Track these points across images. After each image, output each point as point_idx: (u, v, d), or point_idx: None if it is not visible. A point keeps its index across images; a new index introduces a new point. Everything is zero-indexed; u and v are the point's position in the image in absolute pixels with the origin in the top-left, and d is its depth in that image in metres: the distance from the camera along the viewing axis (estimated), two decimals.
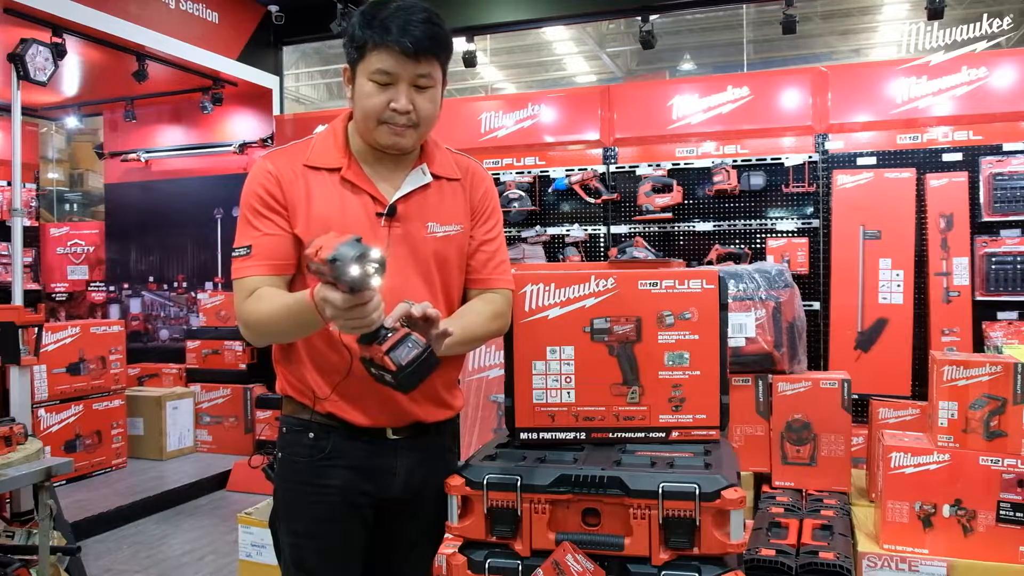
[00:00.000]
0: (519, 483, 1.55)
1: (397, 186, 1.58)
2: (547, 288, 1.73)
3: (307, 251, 1.28)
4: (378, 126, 1.52)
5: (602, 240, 4.67)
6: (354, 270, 1.20)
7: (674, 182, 4.45)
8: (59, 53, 4.48)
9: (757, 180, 4.29)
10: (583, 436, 1.73)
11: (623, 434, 1.72)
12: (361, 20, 1.50)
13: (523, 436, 1.75)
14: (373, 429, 1.58)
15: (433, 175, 1.61)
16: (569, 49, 13.26)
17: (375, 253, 1.23)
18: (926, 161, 4.02)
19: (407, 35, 1.46)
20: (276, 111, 6.08)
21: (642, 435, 1.71)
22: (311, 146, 1.59)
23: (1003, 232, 3.89)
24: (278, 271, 1.54)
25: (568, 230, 4.71)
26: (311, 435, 1.59)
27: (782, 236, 4.29)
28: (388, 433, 1.60)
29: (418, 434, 1.63)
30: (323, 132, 1.63)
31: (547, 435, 1.74)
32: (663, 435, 1.71)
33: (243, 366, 5.77)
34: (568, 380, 1.72)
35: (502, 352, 1.79)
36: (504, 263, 1.71)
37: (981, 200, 3.91)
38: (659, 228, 4.55)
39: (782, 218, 4.32)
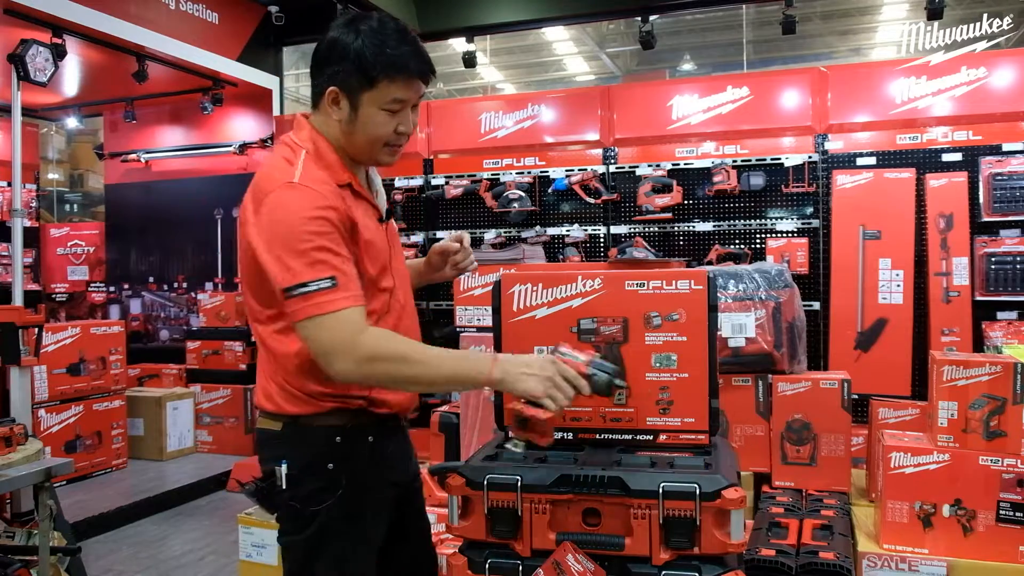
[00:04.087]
0: (519, 483, 1.55)
1: (371, 190, 1.66)
2: (535, 288, 1.73)
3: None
4: (382, 148, 1.57)
5: (602, 240, 4.67)
6: (617, 383, 1.52)
7: (674, 182, 4.45)
8: (59, 54, 4.47)
9: (757, 180, 4.29)
10: (571, 437, 1.73)
11: (610, 435, 1.71)
12: (371, 50, 1.48)
13: (512, 434, 1.75)
14: (396, 418, 1.67)
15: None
16: (569, 49, 13.27)
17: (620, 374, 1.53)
18: (926, 161, 4.03)
19: (424, 64, 1.53)
20: (276, 111, 6.08)
21: (629, 437, 1.70)
22: (324, 168, 1.53)
23: (1003, 232, 3.89)
24: (362, 301, 1.47)
25: (568, 230, 4.72)
26: (370, 438, 1.59)
27: (782, 236, 4.30)
28: (402, 420, 1.69)
29: (407, 420, 1.74)
30: (318, 151, 1.54)
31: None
32: (651, 438, 1.69)
33: (243, 366, 5.77)
34: None
35: None
36: None
37: (981, 200, 3.91)
38: (659, 228, 4.55)
39: (782, 218, 4.32)
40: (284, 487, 1.53)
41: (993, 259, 3.85)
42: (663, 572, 1.49)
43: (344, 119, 1.53)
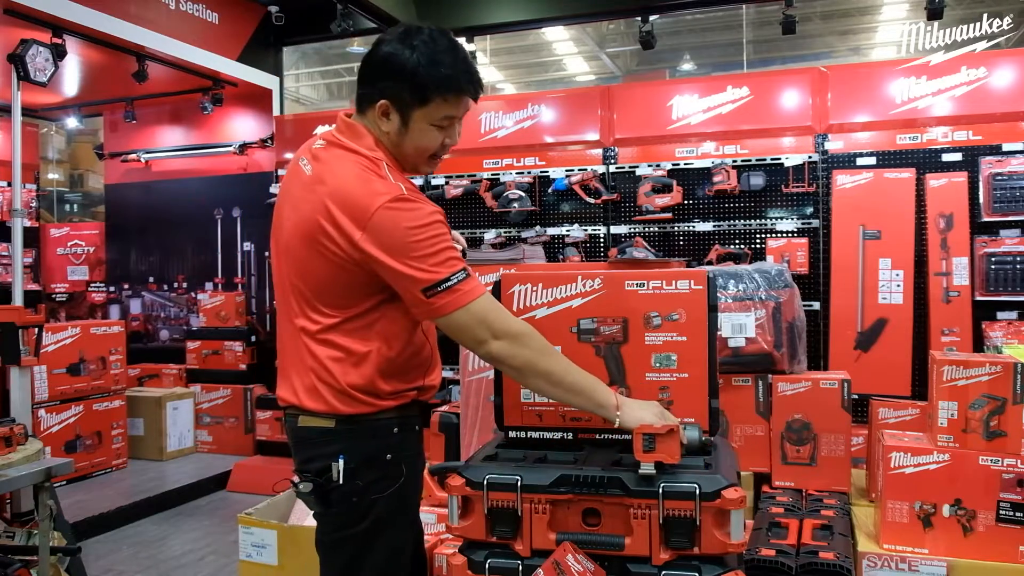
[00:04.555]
0: (519, 483, 1.55)
1: None
2: (535, 288, 1.74)
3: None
4: (427, 160, 1.65)
5: (602, 240, 4.67)
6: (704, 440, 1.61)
7: (674, 182, 4.45)
8: (59, 54, 4.47)
9: (757, 180, 4.29)
10: (570, 436, 1.73)
11: (610, 435, 1.71)
12: (426, 68, 1.54)
13: (512, 435, 1.76)
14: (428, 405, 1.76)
15: None
16: (569, 49, 13.26)
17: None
18: (926, 161, 4.03)
19: (475, 83, 1.61)
20: (276, 112, 6.08)
21: (629, 437, 1.69)
22: (400, 173, 1.60)
23: (1003, 232, 3.89)
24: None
25: (568, 230, 4.71)
26: (417, 427, 1.69)
27: (782, 236, 4.29)
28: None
29: None
30: (390, 159, 1.60)
31: (535, 434, 1.75)
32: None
33: (243, 366, 5.77)
34: None
35: None
36: None
37: (981, 200, 3.91)
38: (659, 228, 4.55)
39: (782, 218, 4.32)
40: (341, 482, 1.56)
41: (993, 259, 3.85)
42: (663, 572, 1.49)
43: (393, 131, 1.59)
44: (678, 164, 4.50)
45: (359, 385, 1.57)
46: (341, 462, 1.56)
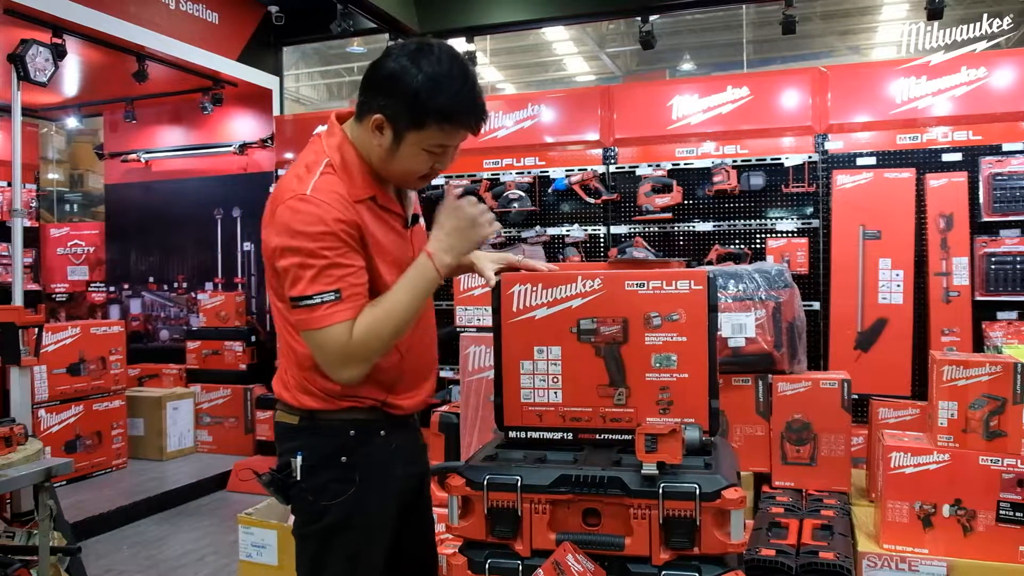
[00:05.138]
0: (519, 483, 1.55)
1: (403, 197, 1.69)
2: (534, 288, 1.73)
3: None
4: (415, 180, 1.60)
5: (602, 240, 4.67)
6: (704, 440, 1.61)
7: (674, 182, 4.45)
8: (59, 54, 4.48)
9: (757, 180, 4.29)
10: (570, 437, 1.73)
11: (610, 435, 1.71)
12: (427, 94, 1.46)
13: (512, 435, 1.76)
14: (410, 416, 1.71)
15: None
16: (569, 49, 13.27)
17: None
18: (926, 161, 4.02)
19: (477, 115, 1.54)
20: (276, 111, 6.08)
21: (629, 437, 1.68)
22: (346, 178, 1.53)
23: (1003, 232, 3.88)
24: (359, 312, 1.49)
25: (568, 230, 4.71)
26: (382, 432, 1.62)
27: (782, 236, 4.29)
28: (414, 417, 1.73)
29: (419, 415, 1.78)
30: (344, 162, 1.55)
31: (535, 435, 1.74)
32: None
33: (243, 366, 5.77)
34: (555, 380, 1.72)
35: None
36: None
37: (981, 200, 3.91)
38: (659, 228, 4.55)
39: (782, 218, 4.32)
40: (299, 478, 1.57)
41: (993, 259, 3.84)
42: (663, 572, 1.49)
43: (384, 147, 1.53)
44: (678, 164, 4.50)
45: (311, 380, 1.57)
46: (300, 458, 1.57)
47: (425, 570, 1.82)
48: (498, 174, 4.86)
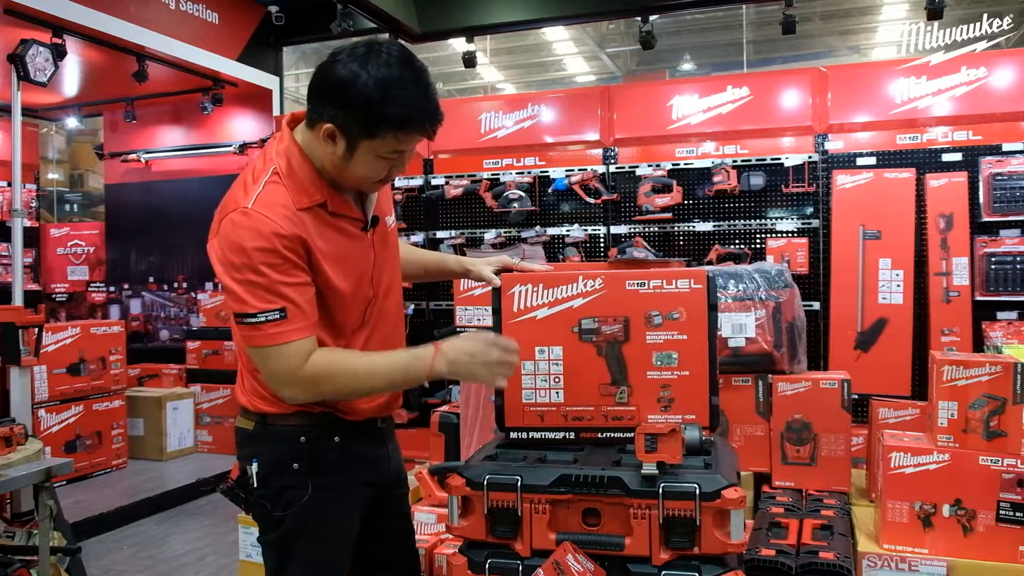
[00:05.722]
0: (519, 483, 1.55)
1: (361, 199, 1.62)
2: (535, 288, 1.74)
3: None
4: (370, 184, 1.56)
5: (602, 240, 4.67)
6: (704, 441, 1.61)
7: (674, 182, 4.45)
8: (59, 54, 4.47)
9: (757, 180, 4.29)
10: (572, 436, 1.74)
11: (612, 434, 1.72)
12: (377, 101, 1.40)
13: (513, 435, 1.76)
14: (371, 421, 1.66)
15: None
16: (569, 49, 13.27)
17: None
18: (926, 161, 4.02)
19: (431, 118, 1.47)
20: (276, 112, 6.08)
21: (631, 435, 1.69)
22: (291, 188, 1.49)
23: (1003, 232, 3.88)
24: (315, 330, 1.48)
25: (568, 230, 4.71)
26: (336, 439, 1.59)
27: (782, 236, 4.29)
28: (378, 423, 1.69)
29: (390, 423, 1.76)
30: (291, 169, 1.50)
31: (537, 435, 1.75)
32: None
33: None
34: (557, 380, 1.73)
35: None
36: None
37: (981, 200, 3.91)
38: (659, 228, 4.55)
39: (782, 218, 4.32)
40: (256, 486, 1.56)
41: (993, 259, 3.84)
42: (663, 572, 1.49)
43: (338, 155, 1.47)
44: (678, 164, 4.50)
45: (262, 385, 1.57)
46: (255, 465, 1.56)
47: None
48: (498, 174, 4.86)
